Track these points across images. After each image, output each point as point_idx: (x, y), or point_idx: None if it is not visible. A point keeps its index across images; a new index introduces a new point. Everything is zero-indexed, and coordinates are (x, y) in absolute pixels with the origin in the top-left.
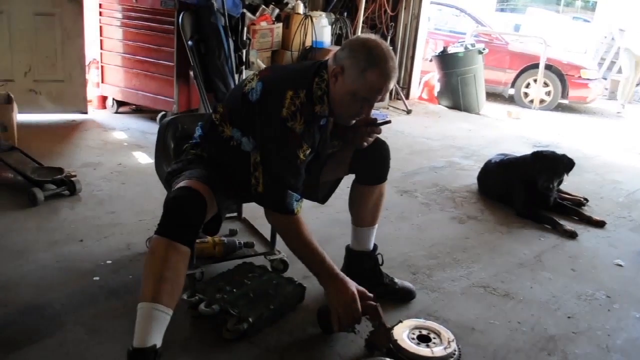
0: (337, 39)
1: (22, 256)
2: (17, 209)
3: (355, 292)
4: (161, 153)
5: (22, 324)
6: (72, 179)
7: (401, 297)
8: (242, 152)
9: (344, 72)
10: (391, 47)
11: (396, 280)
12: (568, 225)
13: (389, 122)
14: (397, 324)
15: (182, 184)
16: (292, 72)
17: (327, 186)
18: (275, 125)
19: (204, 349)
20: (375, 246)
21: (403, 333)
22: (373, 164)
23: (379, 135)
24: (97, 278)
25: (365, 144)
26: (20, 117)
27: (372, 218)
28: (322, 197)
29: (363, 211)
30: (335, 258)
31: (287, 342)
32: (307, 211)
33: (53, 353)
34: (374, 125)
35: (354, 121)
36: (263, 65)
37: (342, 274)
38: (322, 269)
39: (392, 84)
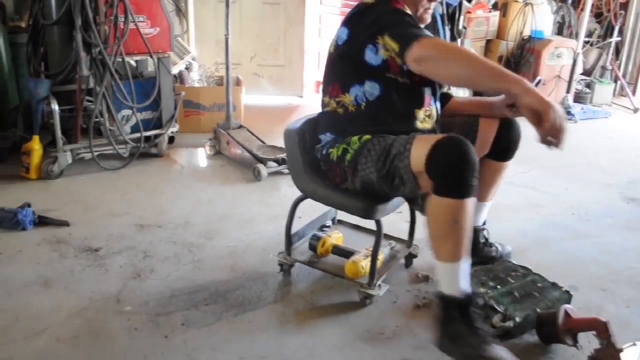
0: (559, 28)
1: (247, 226)
2: (243, 183)
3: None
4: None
5: (249, 288)
6: None
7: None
8: (386, 103)
9: None
10: (619, 38)
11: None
12: None
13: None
14: (629, 346)
15: (429, 141)
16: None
17: None
18: (387, 13)
19: None
20: (484, 222)
21: (633, 357)
22: (507, 141)
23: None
24: None
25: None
26: (245, 99)
27: (493, 194)
28: None
29: (489, 186)
30: (551, 266)
31: None
32: (520, 210)
33: (276, 320)
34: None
35: (431, 10)
36: None
37: None
38: (505, 74)
39: None
